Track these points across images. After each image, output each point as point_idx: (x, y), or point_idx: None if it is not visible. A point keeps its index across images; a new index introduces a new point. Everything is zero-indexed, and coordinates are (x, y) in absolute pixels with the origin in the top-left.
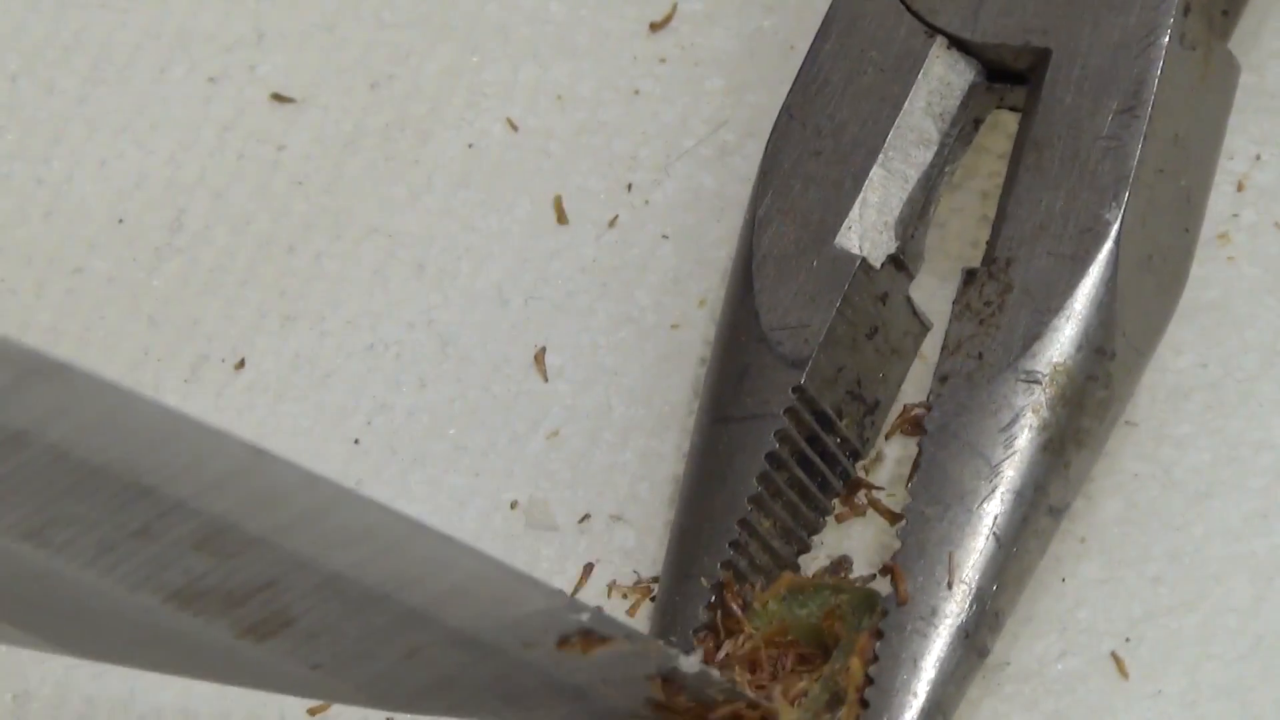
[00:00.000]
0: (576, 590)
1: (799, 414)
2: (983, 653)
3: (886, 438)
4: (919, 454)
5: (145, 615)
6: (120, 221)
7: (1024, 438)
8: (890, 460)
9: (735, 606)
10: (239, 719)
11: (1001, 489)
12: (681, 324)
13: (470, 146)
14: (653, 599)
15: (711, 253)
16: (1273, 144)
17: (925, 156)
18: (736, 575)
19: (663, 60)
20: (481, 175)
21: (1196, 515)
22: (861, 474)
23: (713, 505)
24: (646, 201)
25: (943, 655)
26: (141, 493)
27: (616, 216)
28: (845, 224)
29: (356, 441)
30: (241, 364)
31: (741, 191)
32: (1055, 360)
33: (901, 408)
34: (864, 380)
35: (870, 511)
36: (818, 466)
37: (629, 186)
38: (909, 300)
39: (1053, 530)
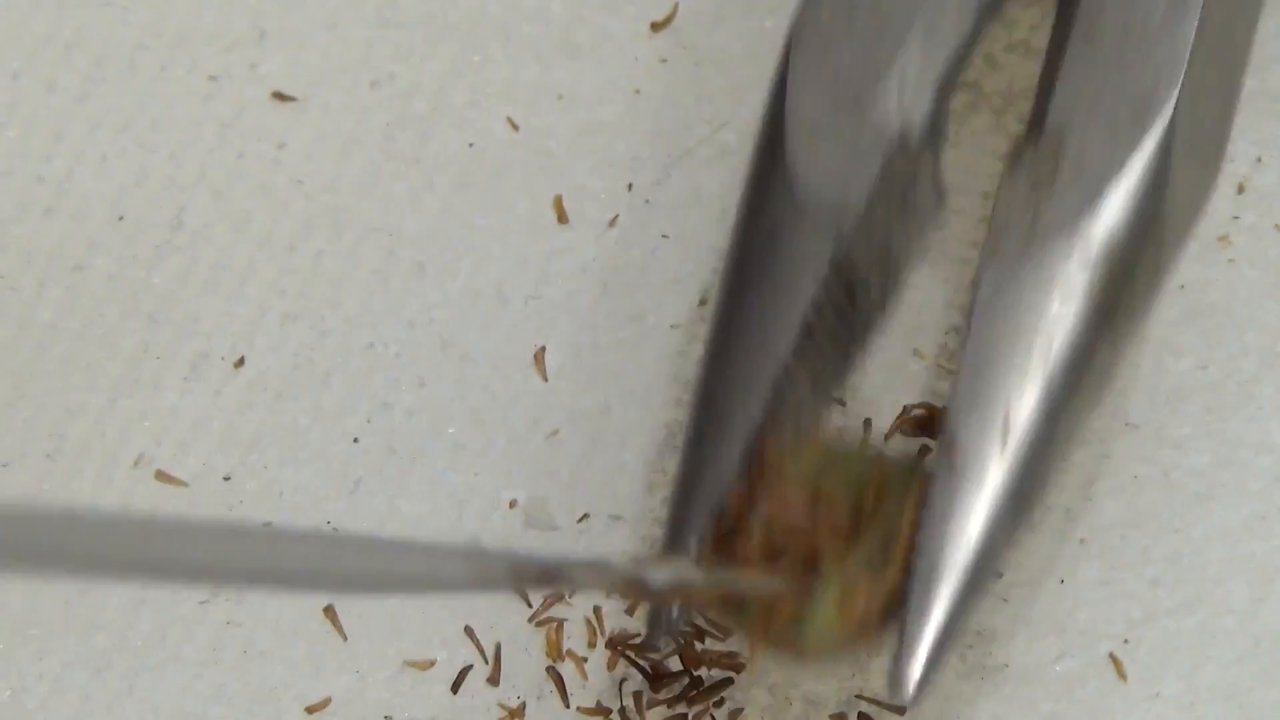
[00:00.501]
0: (574, 591)
1: (831, 280)
2: (1028, 511)
3: (886, 439)
4: (965, 328)
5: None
6: (121, 219)
7: (1075, 308)
8: None
9: (771, 461)
10: (235, 717)
11: (1053, 358)
12: (682, 324)
13: (471, 146)
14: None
15: (712, 253)
16: (1274, 146)
17: (964, 19)
18: (774, 422)
19: (664, 60)
20: (482, 174)
21: (1196, 517)
22: None
23: (743, 371)
24: (647, 201)
25: (992, 518)
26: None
27: (617, 216)
28: (883, 86)
29: (356, 440)
30: (241, 362)
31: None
32: (1107, 233)
33: (901, 409)
34: (893, 245)
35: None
36: (844, 334)
37: (630, 186)
38: (937, 166)
39: (1098, 399)
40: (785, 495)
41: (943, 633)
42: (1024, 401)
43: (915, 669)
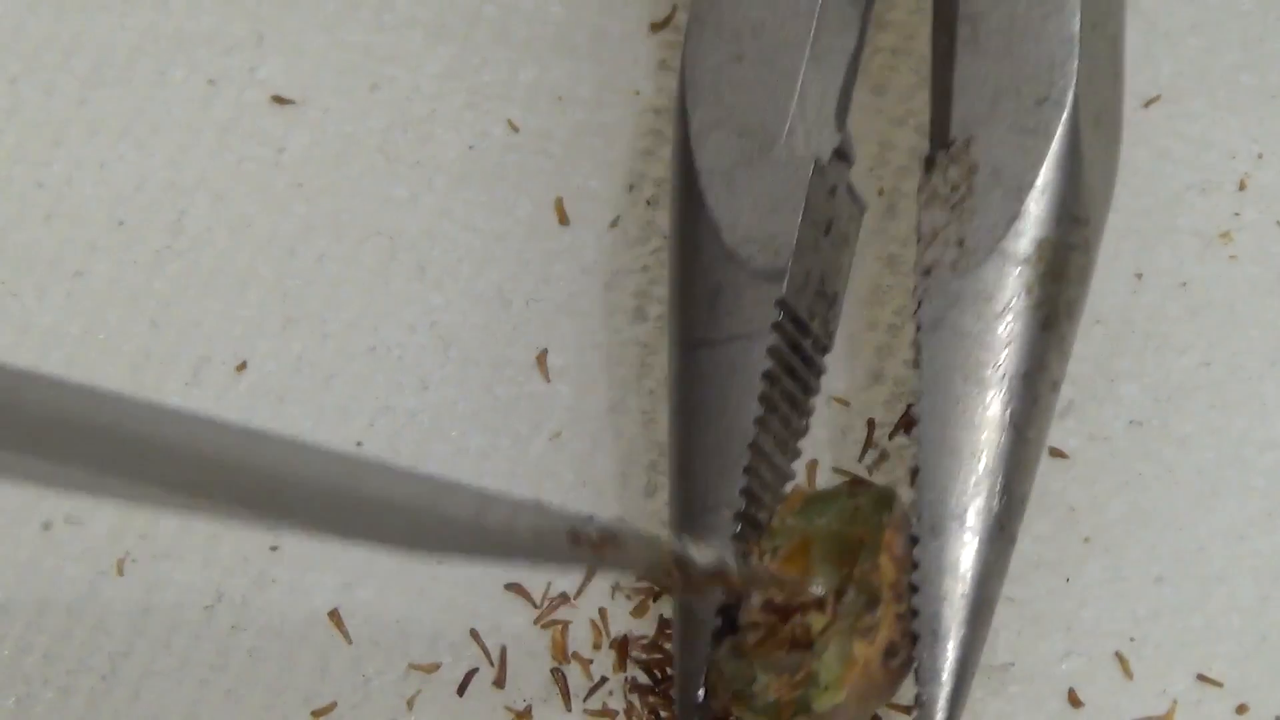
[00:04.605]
0: (580, 592)
1: (783, 326)
2: (1013, 540)
3: (890, 437)
4: (917, 352)
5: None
6: (121, 224)
7: (1022, 320)
8: (894, 460)
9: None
10: None
11: (1010, 374)
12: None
13: (471, 148)
14: (655, 600)
15: None
16: (1275, 142)
17: (850, 42)
18: (752, 499)
19: (663, 61)
20: (482, 176)
21: (1201, 515)
22: (865, 474)
23: (716, 433)
24: (648, 202)
25: (983, 553)
26: (134, 437)
27: (618, 217)
28: (788, 126)
29: (359, 444)
30: (243, 366)
31: None
32: (1038, 236)
33: (905, 407)
34: (825, 277)
35: None
36: (800, 372)
37: (630, 188)
38: (850, 187)
39: (1055, 404)
40: (782, 559)
41: (960, 665)
42: (989, 436)
43: (942, 699)
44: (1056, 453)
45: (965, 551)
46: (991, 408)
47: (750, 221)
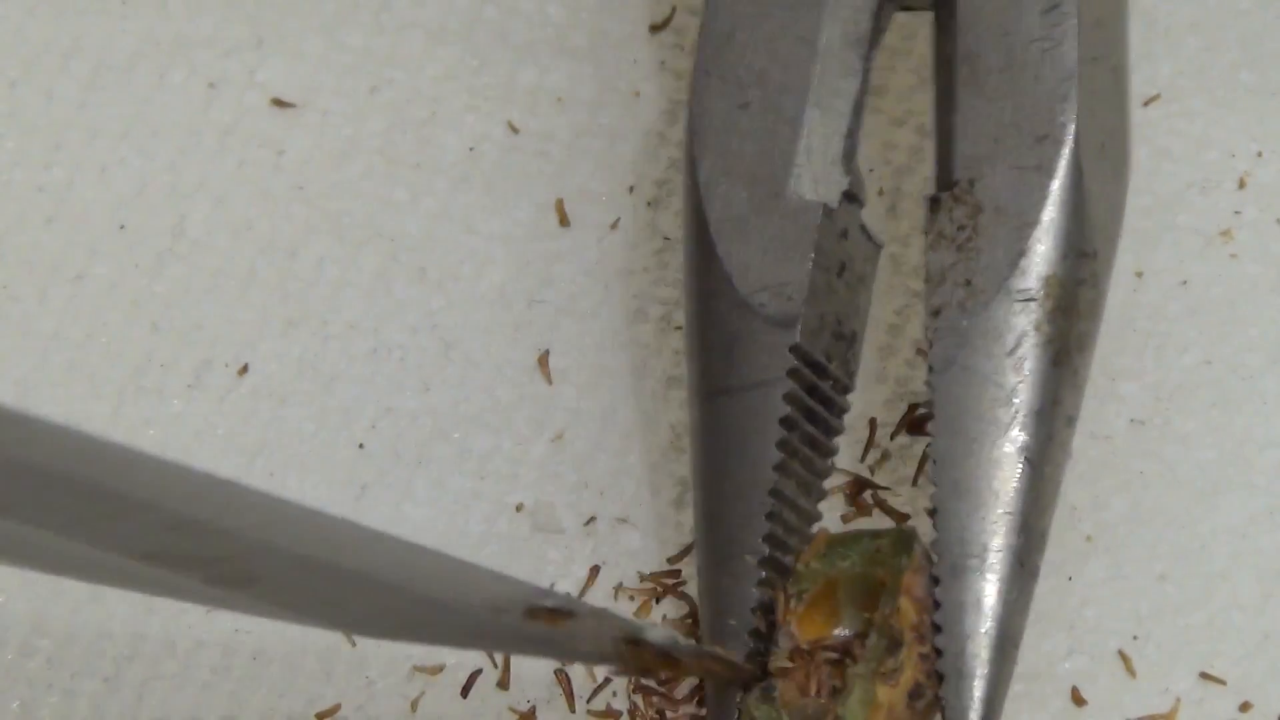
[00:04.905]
0: (583, 593)
1: (799, 371)
2: (1035, 574)
3: (892, 437)
4: (931, 392)
5: (120, 568)
6: (121, 227)
7: (1033, 357)
8: (896, 459)
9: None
10: None
11: (1022, 412)
12: (685, 326)
13: (471, 150)
14: (658, 600)
15: None
16: (1274, 141)
17: (853, 86)
18: (776, 543)
19: (663, 62)
20: (482, 178)
21: (1202, 513)
22: (867, 473)
23: (738, 480)
24: (648, 204)
25: (1005, 590)
26: (109, 493)
27: (618, 219)
28: (794, 172)
29: (361, 446)
30: (245, 369)
31: None
32: (1045, 273)
33: (907, 407)
34: (842, 318)
35: (876, 511)
36: (820, 414)
37: (630, 189)
38: (863, 228)
39: (1071, 437)
40: (811, 603)
41: (987, 702)
42: (1005, 474)
43: None
44: None
45: (987, 589)
46: (1006, 446)
47: (761, 269)
